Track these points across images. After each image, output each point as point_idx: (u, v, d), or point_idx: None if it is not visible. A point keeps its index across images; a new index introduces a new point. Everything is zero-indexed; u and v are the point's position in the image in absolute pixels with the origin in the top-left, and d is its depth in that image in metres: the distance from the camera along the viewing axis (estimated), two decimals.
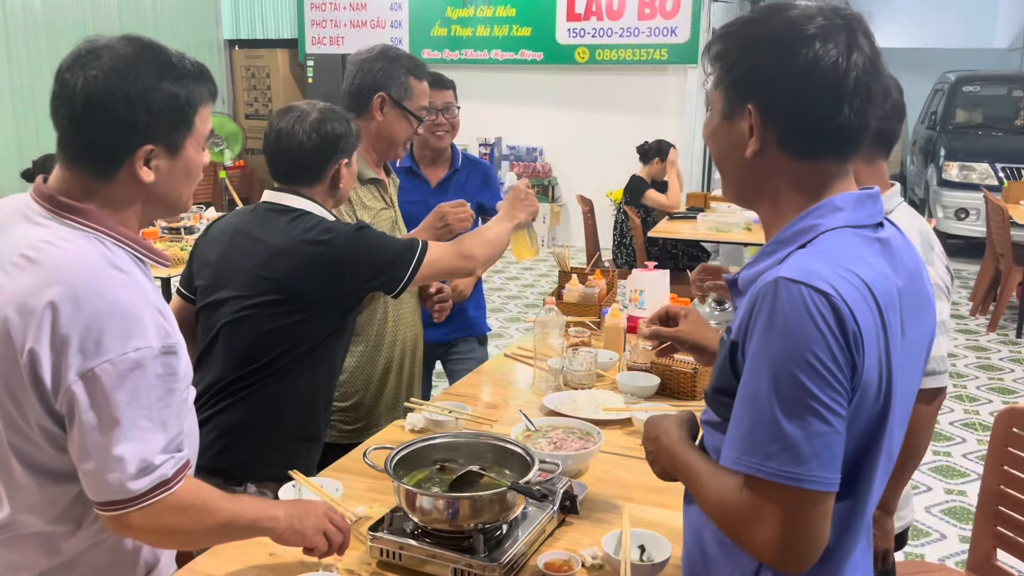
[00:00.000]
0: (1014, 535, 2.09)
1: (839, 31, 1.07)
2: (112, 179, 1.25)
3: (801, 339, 0.98)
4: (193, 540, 1.37)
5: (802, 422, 0.99)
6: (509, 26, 8.72)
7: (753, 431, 1.02)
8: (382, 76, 2.33)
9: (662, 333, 1.65)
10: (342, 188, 2.03)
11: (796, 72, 1.06)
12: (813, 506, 1.01)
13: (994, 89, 9.63)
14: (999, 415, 2.15)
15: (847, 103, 1.07)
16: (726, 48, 1.13)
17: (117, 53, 1.23)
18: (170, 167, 1.28)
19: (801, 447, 0.99)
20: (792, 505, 1.01)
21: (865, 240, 1.08)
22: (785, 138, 1.10)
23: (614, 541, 1.55)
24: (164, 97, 1.24)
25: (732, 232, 5.37)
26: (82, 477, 1.20)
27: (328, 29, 9.52)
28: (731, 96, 1.13)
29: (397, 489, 1.52)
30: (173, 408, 1.23)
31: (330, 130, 1.96)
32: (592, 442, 1.94)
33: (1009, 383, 5.14)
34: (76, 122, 1.22)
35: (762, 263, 1.12)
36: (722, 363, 1.12)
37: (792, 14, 1.08)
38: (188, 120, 1.28)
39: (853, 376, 1.01)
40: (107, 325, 1.16)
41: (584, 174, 8.46)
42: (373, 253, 1.93)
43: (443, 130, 2.72)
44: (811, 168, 1.11)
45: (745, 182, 1.17)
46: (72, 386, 1.16)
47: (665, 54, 8.24)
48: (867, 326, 1.01)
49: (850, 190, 1.12)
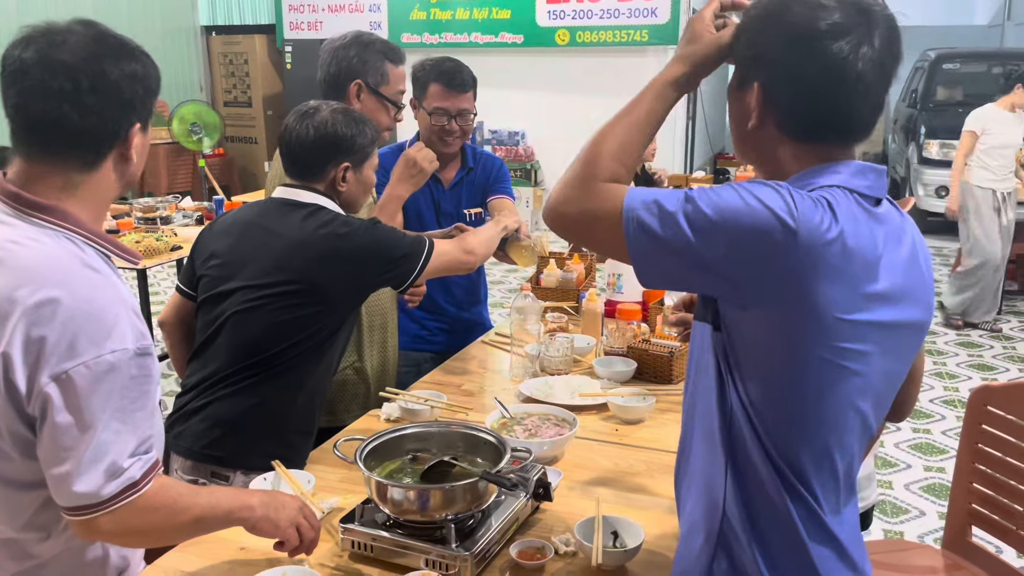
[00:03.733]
0: (988, 512, 2.11)
1: (855, 27, 1.08)
2: (99, 167, 1.22)
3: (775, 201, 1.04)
4: (166, 538, 1.35)
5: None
6: (489, 9, 8.66)
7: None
8: (357, 62, 2.29)
9: (688, 319, 1.64)
10: (344, 194, 1.96)
11: (798, 64, 1.10)
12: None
13: (974, 66, 9.63)
14: (974, 393, 2.16)
15: (844, 100, 1.10)
16: (749, 22, 1.17)
17: (72, 33, 1.19)
18: (141, 144, 1.27)
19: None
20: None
21: (856, 202, 1.09)
22: (783, 120, 1.14)
23: (587, 527, 1.54)
24: (147, 73, 1.23)
25: None
26: (50, 482, 1.18)
27: (306, 14, 9.42)
28: (743, 69, 1.18)
29: (367, 481, 1.51)
30: (146, 411, 1.21)
31: (331, 130, 1.91)
32: (568, 428, 1.93)
33: (988, 360, 5.18)
34: (64, 116, 1.17)
35: None
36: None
37: (812, 3, 1.10)
38: (155, 95, 1.27)
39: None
40: (82, 327, 1.13)
41: (566, 157, 8.24)
42: (389, 248, 1.92)
43: (454, 137, 2.59)
44: (809, 147, 1.15)
45: (747, 147, 1.23)
46: (45, 388, 1.13)
47: (646, 35, 8.21)
48: (816, 252, 1.03)
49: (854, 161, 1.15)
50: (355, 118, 1.97)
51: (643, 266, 1.09)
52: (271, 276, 1.84)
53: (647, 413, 2.10)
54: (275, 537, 1.41)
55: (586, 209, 1.11)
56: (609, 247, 1.12)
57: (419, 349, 2.65)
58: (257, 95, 9.81)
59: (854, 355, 1.08)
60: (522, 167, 8.62)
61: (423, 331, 2.67)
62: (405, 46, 9.41)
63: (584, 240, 1.24)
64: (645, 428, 2.08)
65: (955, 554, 2.17)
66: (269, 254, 1.86)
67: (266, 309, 1.84)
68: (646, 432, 2.06)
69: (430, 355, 2.60)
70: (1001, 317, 5.96)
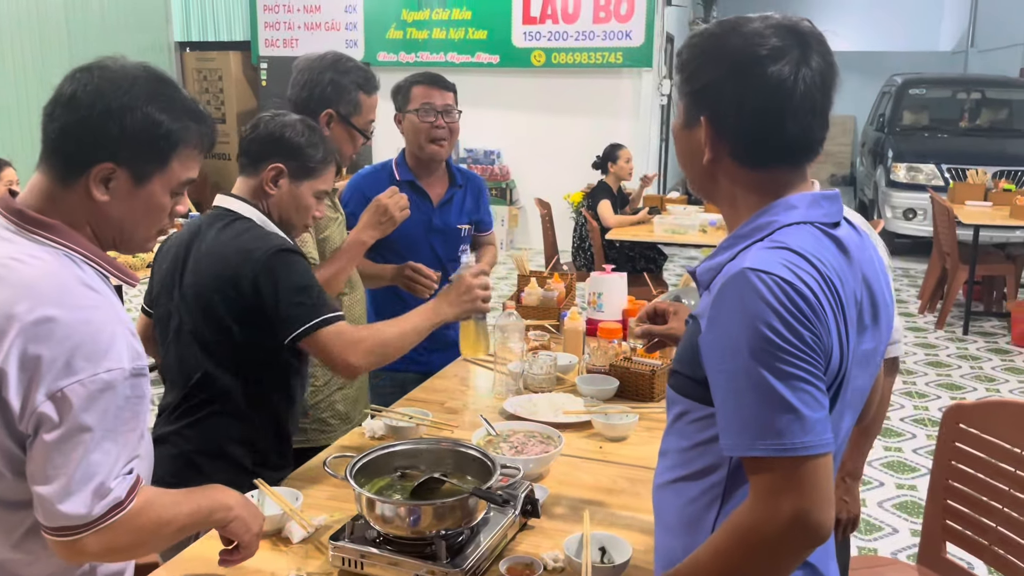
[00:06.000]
0: (963, 528, 2.15)
1: (792, 49, 1.11)
2: (71, 188, 1.22)
3: (774, 319, 1.03)
4: (149, 550, 1.35)
5: (798, 391, 1.03)
6: (465, 29, 8.73)
7: (755, 413, 1.04)
8: (331, 91, 2.25)
9: (654, 331, 1.67)
10: (273, 199, 1.89)
11: (743, 91, 1.12)
12: (824, 469, 1.05)
13: (939, 92, 9.88)
14: (947, 411, 2.21)
15: (792, 119, 1.12)
16: (688, 59, 1.19)
17: (122, 70, 1.22)
18: (129, 196, 1.24)
19: (804, 415, 1.03)
20: (809, 474, 1.03)
21: (820, 236, 1.12)
22: (736, 150, 1.16)
23: (575, 544, 1.56)
24: (143, 120, 1.21)
25: (688, 234, 5.44)
26: (37, 501, 1.17)
27: (282, 31, 9.42)
28: (689, 107, 1.19)
29: (358, 497, 1.52)
30: (137, 432, 1.21)
31: (285, 131, 1.89)
32: (553, 446, 1.95)
33: (957, 379, 5.28)
34: (53, 118, 1.20)
35: (720, 256, 1.17)
36: (687, 343, 1.17)
37: (748, 32, 1.12)
38: (162, 154, 1.24)
39: (821, 349, 1.06)
40: (79, 345, 1.14)
41: (542, 177, 8.50)
42: (292, 282, 1.76)
43: (442, 135, 2.55)
44: (764, 175, 1.17)
45: (705, 183, 1.24)
46: (40, 406, 1.13)
47: (620, 57, 8.31)
48: (827, 309, 1.06)
49: (807, 191, 1.17)
50: (318, 136, 1.94)
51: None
52: (187, 299, 1.82)
53: (631, 431, 2.13)
54: (244, 541, 1.40)
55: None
56: None
57: (407, 370, 2.63)
58: (231, 111, 9.76)
59: (844, 384, 1.12)
60: (498, 186, 8.67)
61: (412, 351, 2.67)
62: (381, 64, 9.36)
63: None
64: (628, 446, 2.10)
65: (929, 570, 2.21)
66: (188, 273, 1.83)
67: (189, 334, 1.82)
68: (629, 450, 2.08)
69: (415, 375, 2.59)
70: (967, 337, 6.08)
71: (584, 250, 5.91)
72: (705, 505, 1.19)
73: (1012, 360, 5.59)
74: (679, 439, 1.22)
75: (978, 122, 9.43)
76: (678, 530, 1.23)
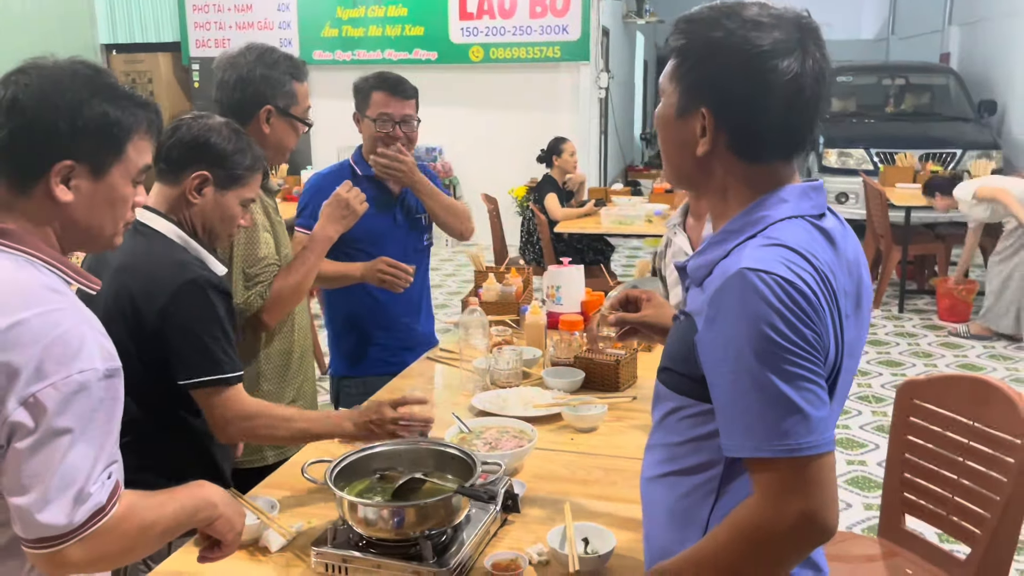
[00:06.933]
0: (921, 500, 2.23)
1: (794, 43, 1.11)
2: (29, 194, 1.19)
3: (777, 319, 1.03)
4: (135, 556, 1.31)
5: (802, 391, 1.04)
6: (401, 26, 8.66)
7: (760, 415, 1.04)
8: (265, 87, 2.17)
9: (628, 319, 1.66)
10: (196, 207, 1.81)
11: (751, 85, 1.10)
12: (828, 467, 1.06)
13: (866, 78, 10.15)
14: (901, 387, 2.28)
15: (798, 114, 1.12)
16: (687, 46, 1.16)
17: (59, 67, 1.19)
18: (92, 191, 1.21)
19: (809, 414, 1.04)
20: (814, 473, 1.04)
21: (811, 229, 1.13)
22: (736, 142, 1.15)
23: (558, 536, 1.57)
24: (93, 113, 1.18)
25: (635, 224, 5.50)
26: (15, 513, 1.13)
27: (213, 31, 9.22)
28: (686, 96, 1.16)
29: (340, 501, 1.50)
30: (113, 435, 1.18)
31: (210, 137, 1.80)
32: (527, 440, 1.96)
33: (895, 356, 5.46)
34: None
35: (712, 252, 1.16)
36: (680, 341, 1.17)
37: (752, 22, 1.11)
38: (118, 143, 1.22)
39: (821, 347, 1.07)
40: (49, 349, 1.10)
41: (484, 172, 8.49)
42: (202, 326, 1.66)
43: (399, 144, 2.56)
44: (760, 169, 1.16)
45: (693, 175, 1.21)
46: (13, 415, 1.09)
47: (558, 52, 8.35)
48: (824, 305, 1.07)
49: (795, 183, 1.18)
50: (245, 141, 1.86)
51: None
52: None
53: (600, 421, 2.15)
54: (226, 540, 1.38)
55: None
56: None
57: (381, 373, 2.58)
58: (163, 115, 9.49)
59: (839, 377, 1.14)
60: (441, 183, 8.62)
61: (385, 352, 2.65)
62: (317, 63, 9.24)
63: None
64: (599, 436, 2.12)
65: (890, 542, 2.28)
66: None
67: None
68: (600, 440, 2.10)
69: (388, 377, 2.55)
70: (903, 315, 6.29)
71: (532, 244, 5.93)
72: (699, 500, 1.20)
73: (946, 336, 5.80)
74: (669, 434, 1.23)
75: (903, 107, 9.73)
76: (670, 523, 1.24)
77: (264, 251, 2.13)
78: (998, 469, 2.03)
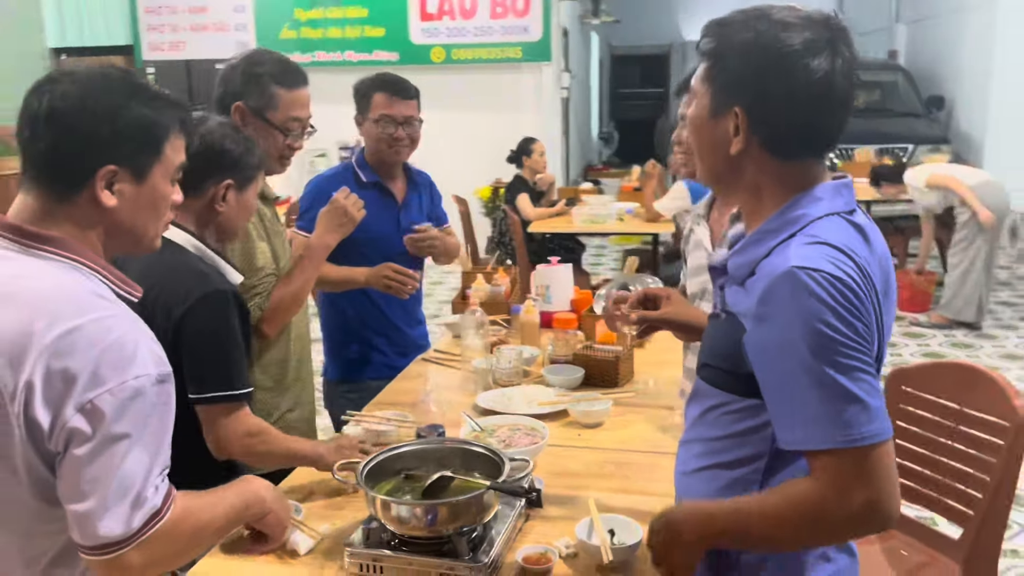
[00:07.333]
0: (912, 484, 2.31)
1: (824, 43, 1.14)
2: (73, 202, 1.18)
3: (830, 315, 1.07)
4: (190, 556, 1.32)
5: (859, 382, 1.07)
6: (361, 27, 8.62)
7: (821, 408, 1.07)
8: (240, 84, 2.12)
9: (650, 316, 1.68)
10: (222, 213, 1.81)
11: (786, 83, 1.14)
12: (889, 455, 1.10)
13: None
14: (890, 375, 2.36)
15: (829, 111, 1.16)
16: (719, 48, 1.19)
17: (90, 73, 1.19)
18: (135, 194, 1.21)
19: (869, 404, 1.07)
20: (876, 462, 1.08)
21: (847, 226, 1.17)
22: (770, 141, 1.18)
23: (586, 529, 1.59)
24: (131, 116, 1.18)
25: (607, 223, 5.56)
26: (73, 520, 1.13)
27: (167, 34, 9.06)
28: (719, 96, 1.19)
29: (372, 500, 1.51)
30: (167, 439, 1.18)
31: (218, 142, 1.79)
32: (539, 436, 1.98)
33: None
34: (38, 137, 1.16)
35: (752, 251, 1.19)
36: (723, 338, 1.20)
37: (782, 23, 1.14)
38: (157, 145, 1.22)
39: (870, 338, 1.11)
40: (104, 355, 1.10)
41: (448, 173, 8.38)
42: (217, 341, 1.66)
43: (402, 145, 2.57)
44: (793, 167, 1.19)
45: (726, 175, 1.24)
46: (71, 421, 1.09)
47: (519, 52, 8.39)
48: (868, 298, 1.11)
49: (826, 181, 1.21)
50: (244, 136, 1.86)
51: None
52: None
53: (606, 416, 2.18)
54: (275, 535, 1.41)
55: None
56: None
57: (379, 377, 2.58)
58: None
59: (880, 365, 1.18)
60: None
61: (383, 357, 2.65)
62: None
63: None
64: (605, 431, 2.15)
65: None
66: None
67: None
68: (606, 435, 2.13)
69: (386, 381, 2.55)
70: None
71: (505, 244, 5.96)
72: (739, 492, 1.23)
73: (908, 326, 5.97)
74: (710, 429, 1.26)
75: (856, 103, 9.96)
76: None
77: (261, 261, 2.11)
78: (988, 451, 2.12)
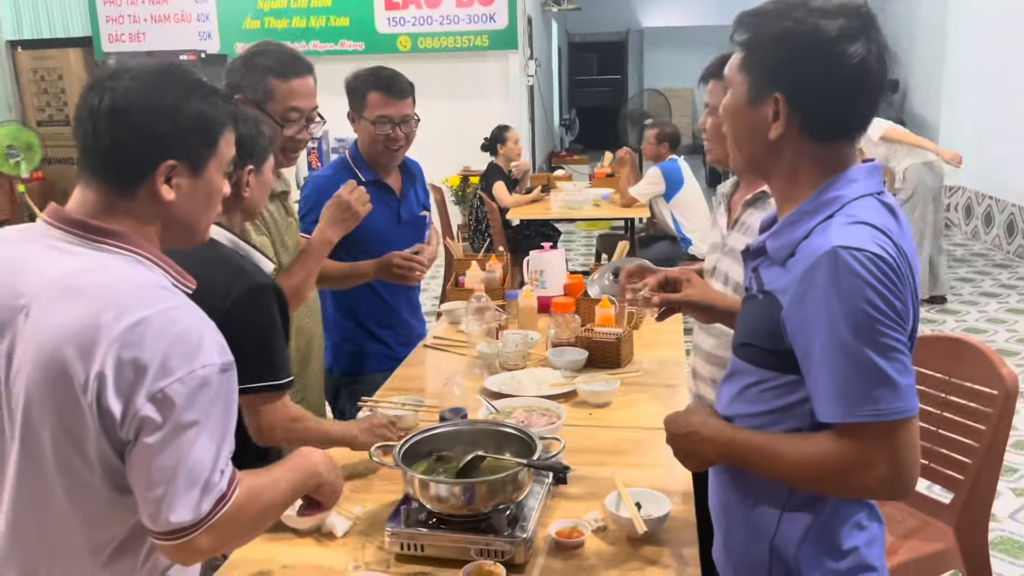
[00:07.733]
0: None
1: (858, 29, 1.20)
2: (133, 196, 1.20)
3: (871, 294, 1.12)
4: (257, 534, 1.34)
5: (892, 361, 1.14)
6: (326, 16, 8.55)
7: (853, 383, 1.14)
8: (239, 78, 2.13)
9: (672, 299, 1.74)
10: (248, 198, 1.83)
11: (823, 68, 1.19)
12: (913, 431, 1.16)
13: None
14: None
15: (865, 95, 1.22)
16: (755, 38, 1.24)
17: (146, 69, 1.21)
18: (192, 188, 1.24)
19: (898, 382, 1.13)
20: (901, 438, 1.15)
21: (881, 207, 1.23)
22: (808, 124, 1.23)
23: (614, 503, 1.66)
24: (191, 112, 1.21)
25: (584, 209, 5.62)
26: (144, 507, 1.15)
27: (127, 25, 8.90)
28: (758, 84, 1.25)
29: (410, 480, 1.56)
30: (231, 426, 1.21)
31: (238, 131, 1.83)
32: (555, 417, 2.04)
33: None
34: (99, 134, 1.17)
35: (791, 233, 1.25)
36: (762, 317, 1.26)
37: (818, 11, 1.20)
38: (214, 139, 1.25)
39: (907, 316, 1.17)
40: (172, 346, 1.13)
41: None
42: (260, 331, 1.66)
43: (399, 145, 2.57)
44: (830, 149, 1.25)
45: (763, 159, 1.29)
46: (142, 409, 1.11)
47: (486, 40, 8.40)
48: (905, 276, 1.18)
49: (858, 164, 1.28)
50: (251, 116, 1.85)
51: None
52: None
53: (614, 395, 2.25)
54: (328, 504, 1.45)
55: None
56: None
57: (383, 369, 2.60)
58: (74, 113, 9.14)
59: (913, 342, 1.24)
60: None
61: (388, 348, 2.67)
62: None
63: None
64: (614, 410, 2.22)
65: None
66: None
67: None
68: (616, 413, 2.20)
69: (389, 372, 2.56)
70: None
71: (481, 232, 5.99)
72: None
73: None
74: (749, 405, 1.32)
75: None
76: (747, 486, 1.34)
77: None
78: (977, 419, 2.23)
